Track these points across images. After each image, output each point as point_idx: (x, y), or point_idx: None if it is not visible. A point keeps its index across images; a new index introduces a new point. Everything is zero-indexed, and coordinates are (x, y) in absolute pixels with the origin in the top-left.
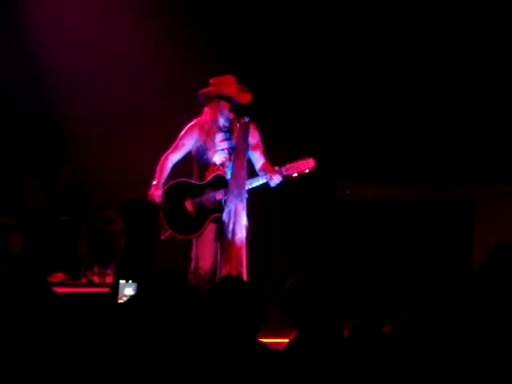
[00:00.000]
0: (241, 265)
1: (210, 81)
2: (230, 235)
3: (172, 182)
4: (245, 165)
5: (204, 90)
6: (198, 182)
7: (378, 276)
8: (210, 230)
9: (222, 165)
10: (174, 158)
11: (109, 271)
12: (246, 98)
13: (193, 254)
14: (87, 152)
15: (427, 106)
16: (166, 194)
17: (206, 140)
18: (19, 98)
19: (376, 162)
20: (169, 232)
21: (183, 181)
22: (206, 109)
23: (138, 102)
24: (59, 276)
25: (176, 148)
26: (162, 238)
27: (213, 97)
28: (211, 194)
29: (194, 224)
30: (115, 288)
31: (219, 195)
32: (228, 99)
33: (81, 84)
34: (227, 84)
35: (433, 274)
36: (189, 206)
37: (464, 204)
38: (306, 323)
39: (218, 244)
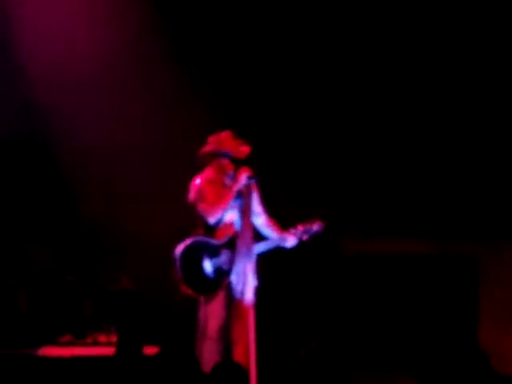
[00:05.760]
0: (248, 326)
1: (209, 139)
2: (238, 296)
3: (190, 242)
4: (252, 224)
5: (203, 150)
6: (215, 242)
7: (385, 330)
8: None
9: (231, 223)
10: None
11: (114, 330)
12: (243, 152)
13: (200, 315)
14: (98, 211)
15: (435, 160)
16: (186, 253)
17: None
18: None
19: (383, 216)
20: (186, 293)
21: (201, 240)
22: (208, 169)
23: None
24: (66, 337)
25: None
26: (179, 300)
27: (213, 155)
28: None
29: (211, 284)
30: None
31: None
32: (227, 156)
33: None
34: (225, 141)
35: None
36: (208, 266)
37: (469, 258)
38: None
39: (226, 304)
